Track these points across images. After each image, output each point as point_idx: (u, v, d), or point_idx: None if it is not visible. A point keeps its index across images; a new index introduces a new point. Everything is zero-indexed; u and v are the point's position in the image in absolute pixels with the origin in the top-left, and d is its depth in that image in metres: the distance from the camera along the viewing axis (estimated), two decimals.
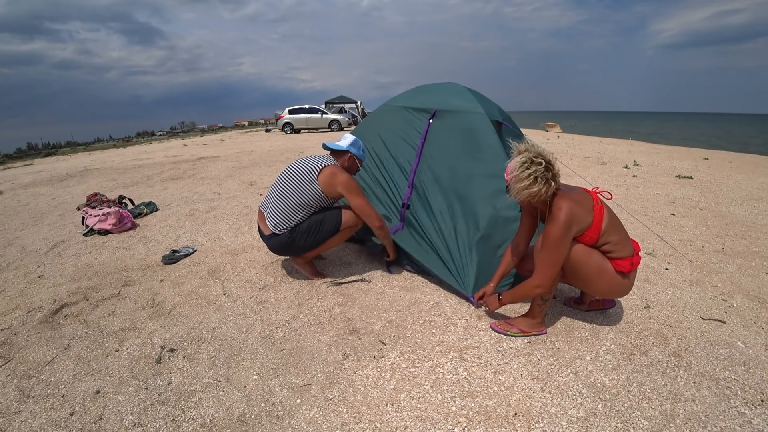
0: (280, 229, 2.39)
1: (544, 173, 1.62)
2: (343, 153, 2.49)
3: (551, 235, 1.67)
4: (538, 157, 1.64)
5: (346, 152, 2.48)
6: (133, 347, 1.95)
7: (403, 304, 2.29)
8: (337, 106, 23.80)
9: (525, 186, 1.63)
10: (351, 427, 1.44)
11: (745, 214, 4.03)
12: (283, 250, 2.47)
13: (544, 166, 1.63)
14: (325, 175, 2.34)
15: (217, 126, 75.94)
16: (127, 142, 31.92)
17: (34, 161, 14.49)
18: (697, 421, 1.42)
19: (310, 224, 2.39)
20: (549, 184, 1.63)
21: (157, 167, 8.58)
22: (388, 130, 3.02)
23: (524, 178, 1.63)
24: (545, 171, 1.62)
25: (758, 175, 6.45)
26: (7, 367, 1.84)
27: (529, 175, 1.62)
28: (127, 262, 3.04)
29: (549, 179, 1.63)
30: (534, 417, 1.45)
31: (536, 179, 1.61)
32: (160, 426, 1.46)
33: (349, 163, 2.50)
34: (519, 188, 1.66)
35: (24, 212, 4.93)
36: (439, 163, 2.65)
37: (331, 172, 2.35)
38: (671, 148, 12.01)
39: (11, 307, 2.40)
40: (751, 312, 2.15)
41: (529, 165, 1.63)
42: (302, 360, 1.82)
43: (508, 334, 1.93)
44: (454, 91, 2.93)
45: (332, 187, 2.34)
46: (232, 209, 4.48)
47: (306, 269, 2.64)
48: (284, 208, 2.37)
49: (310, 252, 2.52)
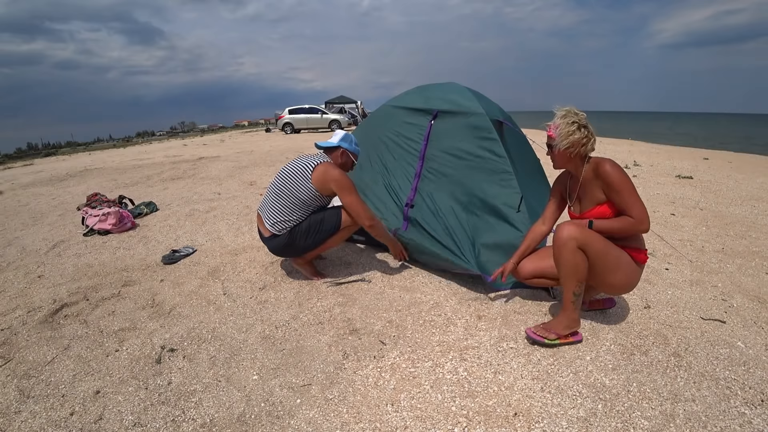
0: (279, 230, 2.39)
1: (586, 125, 1.80)
2: (335, 149, 2.49)
3: (620, 179, 1.74)
4: (579, 112, 1.82)
5: (338, 148, 2.49)
6: (133, 347, 1.95)
7: (403, 304, 2.28)
8: (337, 106, 23.82)
9: (570, 132, 1.78)
10: (351, 427, 1.44)
11: (745, 214, 4.03)
12: (283, 251, 2.47)
13: (585, 119, 1.81)
14: (318, 173, 2.33)
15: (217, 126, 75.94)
16: (127, 142, 31.92)
17: (34, 161, 14.50)
18: (697, 421, 1.42)
19: (309, 224, 2.39)
20: (589, 137, 1.80)
21: (157, 167, 8.58)
22: (390, 131, 3.02)
23: (569, 124, 1.79)
24: (586, 124, 1.81)
25: (758, 175, 6.45)
26: (7, 367, 1.84)
27: (572, 122, 1.79)
28: (127, 262, 3.04)
29: (590, 132, 1.81)
30: (534, 417, 1.45)
31: (579, 127, 1.79)
32: (160, 426, 1.46)
33: (342, 159, 2.50)
34: (564, 133, 1.79)
35: (24, 212, 4.93)
36: (443, 163, 2.66)
37: (324, 169, 2.34)
38: (671, 148, 12.02)
39: (11, 307, 2.40)
40: (751, 312, 2.15)
41: (572, 114, 1.81)
42: (302, 360, 1.82)
43: (546, 343, 1.83)
44: (454, 91, 2.93)
45: (325, 184, 2.33)
46: (232, 209, 4.49)
47: (306, 269, 2.63)
48: (281, 209, 2.38)
49: (310, 252, 2.52)
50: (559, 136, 1.81)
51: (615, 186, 1.74)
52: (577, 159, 1.85)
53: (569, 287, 1.80)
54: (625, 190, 1.73)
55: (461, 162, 2.61)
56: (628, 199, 1.73)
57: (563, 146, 1.81)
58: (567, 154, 1.83)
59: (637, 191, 1.75)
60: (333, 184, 2.32)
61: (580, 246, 1.74)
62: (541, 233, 2.10)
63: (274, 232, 2.40)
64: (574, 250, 1.74)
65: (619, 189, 1.74)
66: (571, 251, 1.74)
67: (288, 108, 20.72)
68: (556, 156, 1.89)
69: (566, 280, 1.80)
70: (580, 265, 1.75)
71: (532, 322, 2.06)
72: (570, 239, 1.73)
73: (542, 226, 2.10)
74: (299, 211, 2.37)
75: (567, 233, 1.74)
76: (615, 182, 1.74)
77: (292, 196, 2.35)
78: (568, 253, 1.74)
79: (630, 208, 1.73)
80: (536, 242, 2.12)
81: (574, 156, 1.84)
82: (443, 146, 2.70)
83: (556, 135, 1.82)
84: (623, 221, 1.75)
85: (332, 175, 2.33)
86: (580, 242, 1.73)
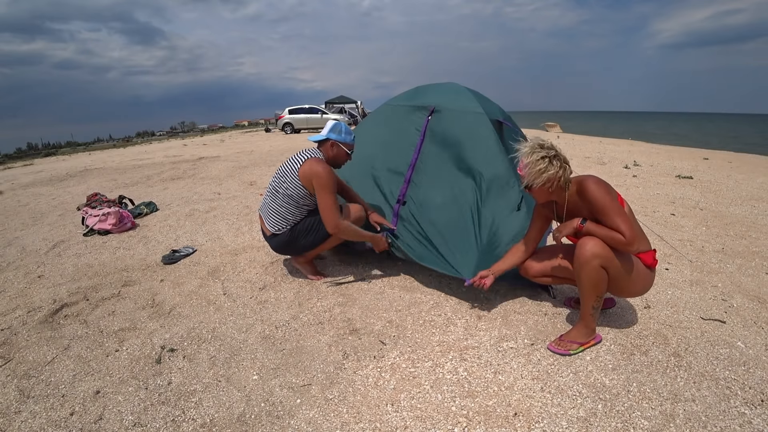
0: (279, 229, 2.40)
1: (556, 155, 1.69)
2: (325, 142, 2.42)
3: (603, 200, 1.66)
4: (544, 143, 1.71)
5: (327, 140, 2.41)
6: (133, 347, 1.95)
7: (403, 304, 2.28)
8: (337, 106, 23.82)
9: (541, 170, 1.67)
10: (351, 427, 1.44)
11: (745, 214, 4.03)
12: (284, 249, 2.48)
13: (555, 150, 1.69)
14: (304, 169, 2.29)
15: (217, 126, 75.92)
16: (127, 142, 31.92)
17: (34, 161, 14.50)
18: (697, 421, 1.42)
19: (310, 223, 2.39)
20: (564, 167, 1.69)
21: (157, 167, 8.58)
22: (388, 127, 3.02)
23: (538, 161, 1.67)
24: (557, 154, 1.69)
25: (758, 175, 6.45)
26: (7, 367, 1.84)
27: (542, 157, 1.67)
28: (127, 262, 3.04)
29: (562, 161, 1.69)
30: (534, 417, 1.45)
31: (550, 160, 1.67)
32: (160, 426, 1.46)
33: (333, 151, 2.41)
34: (535, 172, 1.68)
35: (24, 212, 4.93)
36: (438, 159, 2.65)
37: (309, 165, 2.28)
38: (671, 148, 12.02)
39: (11, 307, 2.40)
40: (751, 312, 2.15)
41: (538, 149, 1.69)
42: (302, 360, 1.82)
43: (572, 353, 1.79)
44: (454, 91, 2.93)
45: (310, 180, 2.28)
46: (232, 209, 4.48)
47: (306, 269, 2.64)
48: (278, 208, 2.39)
49: (311, 251, 2.52)
50: (530, 176, 1.71)
51: (599, 206, 1.68)
52: (558, 189, 1.76)
53: (589, 301, 1.77)
54: (610, 210, 1.66)
55: (457, 159, 2.59)
56: (614, 219, 1.65)
57: (539, 184, 1.71)
58: (546, 189, 1.74)
59: (623, 210, 1.68)
60: (314, 181, 2.26)
61: (603, 264, 1.68)
62: (522, 253, 2.03)
63: (274, 231, 2.42)
64: (597, 268, 1.68)
65: (603, 209, 1.67)
66: (594, 269, 1.68)
67: (288, 108, 20.73)
68: (535, 193, 1.79)
69: (587, 295, 1.75)
70: (602, 281, 1.72)
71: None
72: (594, 257, 1.66)
73: (523, 247, 2.03)
74: (295, 209, 2.37)
75: (591, 251, 1.66)
76: (599, 203, 1.67)
77: (285, 195, 2.35)
78: (591, 271, 1.69)
79: (618, 227, 1.65)
80: (517, 264, 2.05)
81: (555, 188, 1.74)
82: (439, 141, 2.69)
83: (527, 175, 1.73)
84: (614, 236, 1.66)
85: (315, 172, 2.25)
86: (603, 261, 1.67)
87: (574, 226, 1.74)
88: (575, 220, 1.76)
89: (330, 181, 2.26)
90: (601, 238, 1.68)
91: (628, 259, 1.74)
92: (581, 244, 1.71)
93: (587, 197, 1.70)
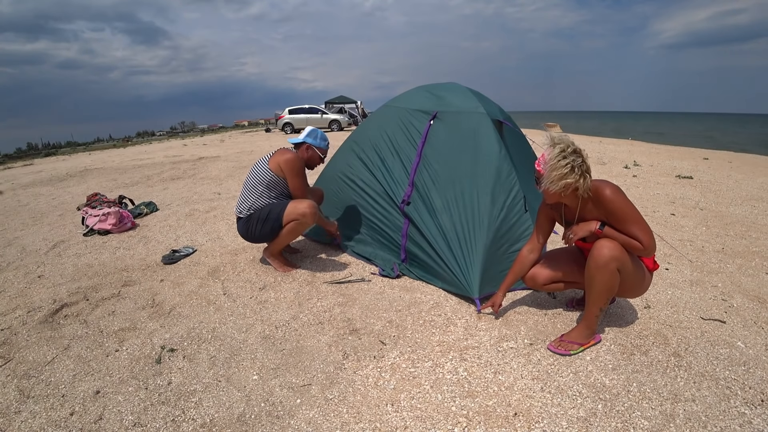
0: (240, 211, 2.60)
1: (582, 164, 1.63)
2: (301, 144, 2.71)
3: (624, 208, 1.62)
4: (575, 149, 1.64)
5: (303, 143, 2.70)
6: (133, 347, 1.95)
7: (403, 304, 2.28)
8: (337, 106, 23.78)
9: (561, 175, 1.61)
10: (351, 427, 1.44)
11: (745, 214, 4.03)
12: (245, 235, 2.65)
13: (582, 158, 1.64)
14: (275, 156, 2.56)
15: (217, 126, 75.89)
16: (127, 142, 31.89)
17: (34, 161, 14.49)
18: (697, 421, 1.42)
19: (261, 213, 2.54)
20: (584, 177, 1.63)
21: (157, 167, 8.58)
22: (389, 130, 3.02)
23: (562, 167, 1.61)
24: (582, 162, 1.63)
25: (758, 175, 6.44)
26: (7, 367, 1.84)
27: (567, 164, 1.61)
28: (127, 262, 3.04)
29: (585, 171, 1.63)
30: (534, 417, 1.45)
31: (573, 169, 1.61)
32: (160, 426, 1.46)
33: (308, 153, 2.70)
34: (555, 176, 1.63)
35: (24, 212, 4.93)
36: (440, 162, 2.65)
37: (281, 152, 2.56)
38: (671, 148, 12.01)
39: (11, 307, 2.40)
40: (751, 312, 2.15)
41: (567, 154, 1.62)
42: (302, 360, 1.82)
43: (572, 353, 1.79)
44: (455, 91, 2.93)
45: (277, 164, 2.52)
46: (232, 209, 4.49)
47: (274, 262, 2.77)
48: (243, 191, 2.60)
49: (272, 243, 2.67)
50: (548, 178, 1.65)
51: (619, 214, 1.63)
52: (572, 195, 1.71)
53: (598, 304, 1.75)
54: (630, 217, 1.62)
55: (459, 161, 2.60)
56: (633, 226, 1.61)
57: (554, 189, 1.66)
58: (559, 192, 1.68)
59: (642, 218, 1.64)
60: (283, 164, 2.51)
61: (619, 267, 1.65)
62: (530, 261, 1.99)
63: (237, 214, 2.63)
64: (613, 271, 1.65)
65: (623, 217, 1.63)
66: (611, 273, 1.65)
67: (288, 108, 20.71)
68: (547, 193, 1.72)
69: (597, 298, 1.73)
70: (615, 285, 1.70)
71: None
72: (612, 260, 1.63)
73: (530, 254, 1.99)
74: (255, 192, 2.55)
75: (610, 254, 1.63)
76: (619, 211, 1.63)
77: (250, 177, 2.58)
78: (607, 274, 1.66)
79: (636, 235, 1.62)
80: (524, 272, 2.01)
81: (569, 194, 1.69)
82: (441, 144, 2.69)
83: (545, 172, 1.66)
84: (632, 243, 1.63)
85: (285, 158, 2.52)
86: (619, 263, 1.64)
87: (591, 229, 1.71)
88: (592, 223, 1.72)
89: (299, 165, 2.55)
90: (618, 240, 1.65)
91: (638, 261, 1.74)
92: (598, 246, 1.67)
93: (605, 204, 1.66)
